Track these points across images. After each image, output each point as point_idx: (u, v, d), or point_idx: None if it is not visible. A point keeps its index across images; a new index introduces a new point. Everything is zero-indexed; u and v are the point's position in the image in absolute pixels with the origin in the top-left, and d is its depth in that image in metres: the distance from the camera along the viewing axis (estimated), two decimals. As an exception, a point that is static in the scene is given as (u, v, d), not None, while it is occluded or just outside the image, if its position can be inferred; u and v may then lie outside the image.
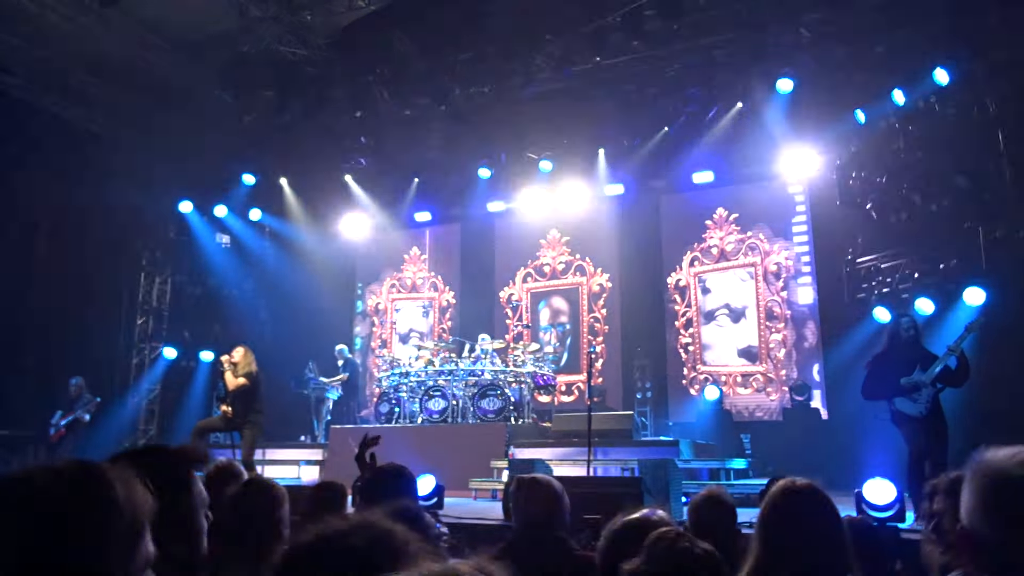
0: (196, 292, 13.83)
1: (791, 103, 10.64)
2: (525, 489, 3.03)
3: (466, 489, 8.79)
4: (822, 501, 2.08)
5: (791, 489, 2.10)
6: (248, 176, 13.62)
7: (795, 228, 12.07)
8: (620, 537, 2.03)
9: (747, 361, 12.11)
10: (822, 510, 2.06)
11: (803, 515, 2.03)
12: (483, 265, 14.51)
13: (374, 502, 3.47)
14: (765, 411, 11.75)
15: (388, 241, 15.37)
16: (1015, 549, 1.13)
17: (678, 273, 12.86)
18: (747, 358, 12.11)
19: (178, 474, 1.63)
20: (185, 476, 1.64)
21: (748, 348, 12.13)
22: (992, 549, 1.16)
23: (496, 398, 10.32)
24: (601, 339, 13.27)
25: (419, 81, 11.79)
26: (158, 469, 1.59)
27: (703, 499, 2.99)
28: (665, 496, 6.33)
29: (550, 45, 11.09)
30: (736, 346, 12.24)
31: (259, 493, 2.78)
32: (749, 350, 12.12)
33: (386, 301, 15.28)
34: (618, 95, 11.89)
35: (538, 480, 3.09)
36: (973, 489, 1.23)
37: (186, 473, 1.64)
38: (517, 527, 3.08)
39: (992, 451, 1.23)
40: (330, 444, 10.70)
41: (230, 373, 8.03)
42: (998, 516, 1.16)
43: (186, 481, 1.64)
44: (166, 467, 1.61)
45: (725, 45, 10.75)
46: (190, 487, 1.64)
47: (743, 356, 12.14)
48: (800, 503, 2.06)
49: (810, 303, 11.76)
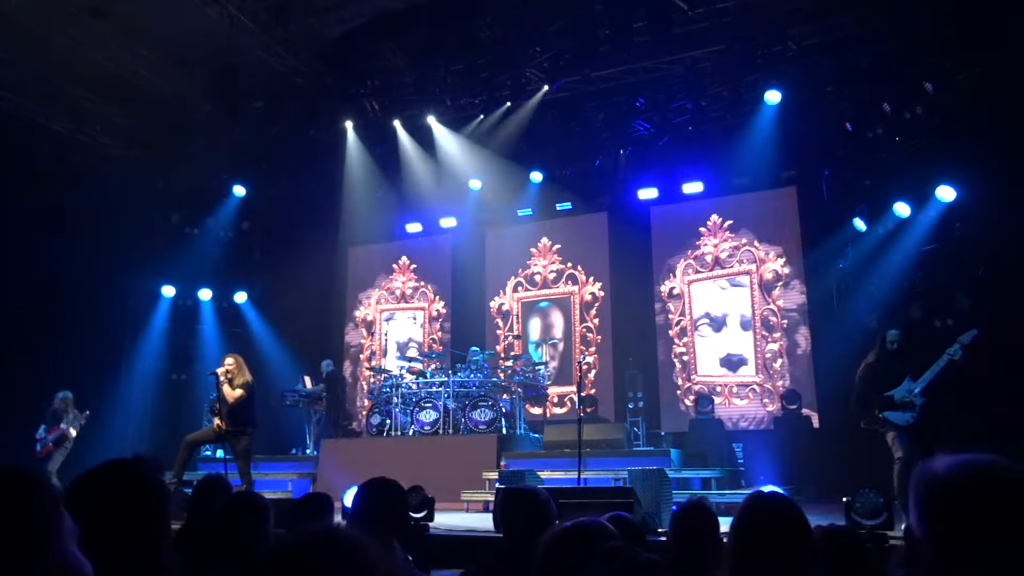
0: (187, 304, 13.80)
1: (780, 114, 10.72)
2: (510, 501, 3.03)
3: (458, 501, 8.77)
4: (788, 510, 2.11)
5: (758, 499, 2.14)
6: (239, 187, 13.62)
7: (786, 237, 12.13)
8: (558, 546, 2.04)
9: (728, 371, 12.13)
10: (788, 519, 2.09)
11: (770, 524, 2.06)
12: (474, 275, 14.52)
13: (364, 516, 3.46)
14: (757, 420, 11.77)
15: (378, 252, 15.38)
16: (944, 547, 1.18)
17: (671, 281, 12.89)
18: (734, 367, 12.13)
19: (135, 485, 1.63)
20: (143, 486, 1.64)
21: (736, 356, 12.16)
22: (927, 548, 1.21)
23: (487, 409, 10.31)
24: (593, 349, 13.27)
25: (410, 93, 11.84)
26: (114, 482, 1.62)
27: (685, 508, 3.00)
28: (656, 506, 6.33)
29: (539, 57, 11.16)
30: (727, 355, 12.27)
31: (244, 506, 2.78)
32: (735, 359, 12.15)
33: (375, 312, 15.27)
34: (608, 106, 11.97)
35: (522, 491, 3.09)
36: (913, 493, 1.30)
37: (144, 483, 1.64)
38: (505, 539, 3.08)
39: (940, 457, 1.28)
40: (321, 457, 10.66)
41: (227, 386, 7.85)
42: (929, 516, 1.22)
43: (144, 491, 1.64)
44: (123, 479, 1.63)
45: (713, 57, 10.85)
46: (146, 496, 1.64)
47: (733, 365, 12.16)
48: (767, 512, 2.09)
49: (802, 311, 11.81)
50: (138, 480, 1.63)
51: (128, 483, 1.61)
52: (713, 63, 10.99)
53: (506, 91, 11.51)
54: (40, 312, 11.08)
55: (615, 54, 10.52)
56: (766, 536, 2.03)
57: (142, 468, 1.67)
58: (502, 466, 9.19)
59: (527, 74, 11.39)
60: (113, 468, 1.66)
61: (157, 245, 13.70)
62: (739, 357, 12.18)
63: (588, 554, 1.82)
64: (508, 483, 7.69)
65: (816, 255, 11.23)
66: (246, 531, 2.70)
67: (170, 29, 10.92)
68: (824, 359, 10.65)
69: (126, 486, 1.61)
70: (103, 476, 1.64)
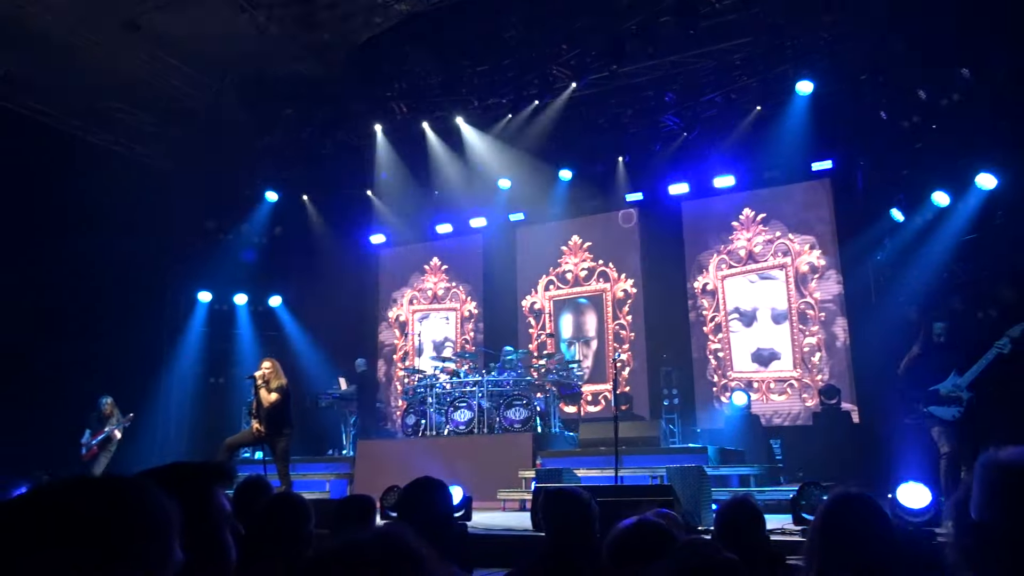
0: (223, 309, 14.01)
1: (811, 104, 10.57)
2: (551, 502, 3.02)
3: (495, 500, 8.77)
4: (876, 509, 2.09)
5: (845, 499, 2.12)
6: (271, 193, 13.78)
7: (821, 229, 11.95)
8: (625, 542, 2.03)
9: (760, 366, 11.99)
10: (876, 518, 2.07)
11: (856, 523, 2.04)
12: (505, 274, 14.53)
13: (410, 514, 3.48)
14: (795, 416, 11.61)
15: (409, 253, 15.46)
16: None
17: (704, 277, 12.77)
18: (766, 362, 11.99)
19: (201, 490, 1.64)
20: (208, 491, 1.65)
21: (767, 351, 12.03)
22: (1001, 541, 1.18)
23: (522, 408, 10.30)
24: (627, 346, 13.21)
25: (437, 94, 11.87)
26: (181, 485, 1.62)
27: (730, 506, 2.96)
28: (695, 504, 6.28)
29: (566, 54, 11.12)
30: (758, 349, 12.13)
31: (286, 508, 2.81)
32: (766, 353, 12.02)
33: (407, 313, 15.35)
34: (636, 102, 11.88)
35: (564, 492, 3.07)
36: (981, 484, 1.27)
37: (209, 488, 1.66)
38: (548, 540, 3.06)
39: (999, 449, 1.26)
40: (358, 458, 10.74)
41: (263, 389, 7.93)
42: (1006, 505, 1.19)
43: (209, 496, 1.65)
44: (189, 483, 1.62)
45: (742, 49, 10.73)
46: (213, 502, 1.65)
47: (764, 360, 12.03)
48: (853, 511, 2.07)
49: (839, 305, 11.62)
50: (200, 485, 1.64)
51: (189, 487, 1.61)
52: (742, 55, 10.85)
53: (533, 90, 11.48)
54: (81, 319, 11.31)
55: (642, 49, 10.44)
56: (853, 535, 2.01)
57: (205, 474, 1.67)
58: (538, 465, 9.18)
59: (554, 72, 11.35)
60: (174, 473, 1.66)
61: (193, 252, 13.92)
62: (770, 351, 12.04)
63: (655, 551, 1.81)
64: (545, 482, 7.68)
65: (853, 247, 11.04)
66: (289, 532, 2.72)
67: (201, 39, 11.09)
68: (863, 352, 10.47)
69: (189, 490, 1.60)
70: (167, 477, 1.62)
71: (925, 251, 9.29)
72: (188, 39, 11.09)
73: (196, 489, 1.61)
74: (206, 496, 1.62)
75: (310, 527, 2.79)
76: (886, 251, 10.15)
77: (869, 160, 10.60)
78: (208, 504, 1.61)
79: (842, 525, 2.05)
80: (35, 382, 10.66)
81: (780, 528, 5.60)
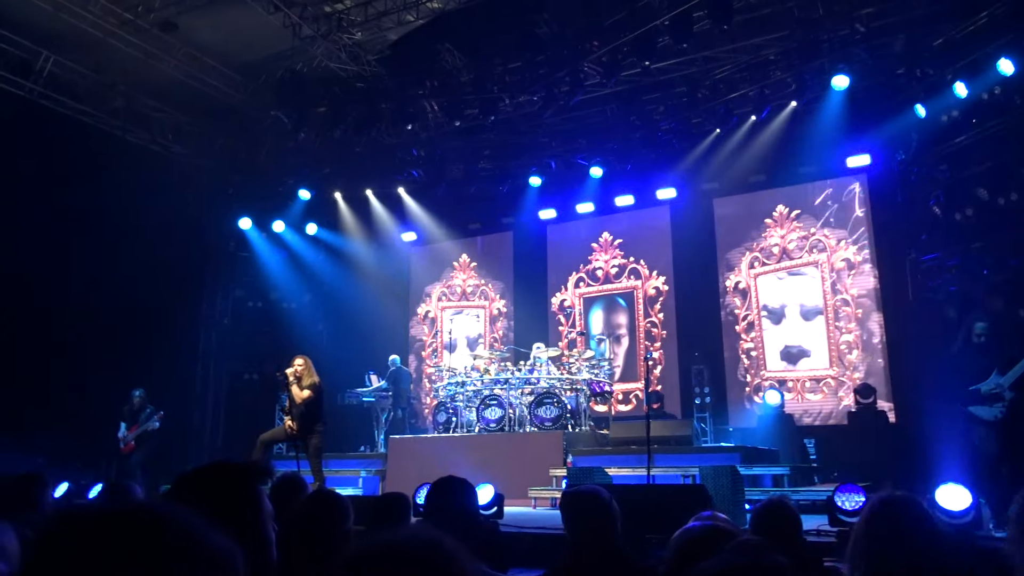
0: (257, 306, 14.20)
1: (848, 99, 10.42)
2: (570, 505, 2.99)
3: (526, 498, 8.78)
4: (922, 512, 2.06)
5: (891, 500, 2.08)
6: (304, 191, 13.93)
7: (856, 226, 11.77)
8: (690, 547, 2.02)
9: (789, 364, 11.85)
10: (923, 521, 2.04)
11: (905, 526, 2.01)
12: (535, 272, 14.53)
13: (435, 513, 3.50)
14: (830, 415, 11.46)
15: (441, 251, 15.52)
16: None
17: (736, 275, 12.65)
18: (794, 359, 11.86)
19: (245, 488, 1.66)
20: (252, 490, 1.68)
21: (796, 348, 11.91)
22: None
23: (553, 406, 10.29)
24: (659, 344, 13.13)
25: (468, 92, 11.89)
26: (226, 484, 1.65)
27: (766, 507, 2.93)
28: (728, 504, 6.23)
29: (598, 51, 11.06)
30: (786, 347, 12.01)
31: (324, 505, 2.83)
32: (795, 350, 11.89)
33: (436, 310, 15.41)
34: (668, 98, 11.80)
35: (583, 491, 3.04)
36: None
37: (253, 487, 1.68)
38: (570, 544, 3.03)
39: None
40: (390, 454, 10.81)
41: (295, 386, 8.01)
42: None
43: (253, 495, 1.67)
44: (233, 482, 1.65)
45: (777, 43, 10.60)
46: (257, 500, 1.68)
47: (793, 358, 11.89)
48: (901, 514, 2.04)
49: (875, 303, 11.44)
50: (244, 484, 1.66)
51: (233, 486, 1.64)
52: (776, 49, 10.72)
53: (564, 87, 11.44)
54: (119, 315, 11.53)
55: (674, 45, 10.35)
56: (899, 538, 1.98)
57: (249, 473, 1.69)
58: (568, 463, 9.17)
59: (585, 69, 11.30)
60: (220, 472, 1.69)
61: (227, 248, 14.13)
62: (799, 348, 11.92)
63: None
64: (576, 480, 7.67)
65: (890, 243, 10.88)
66: (327, 530, 2.74)
67: (236, 39, 11.25)
68: (900, 351, 10.31)
69: (233, 488, 1.64)
70: (212, 475, 1.68)
71: (965, 249, 9.11)
72: (223, 39, 11.25)
73: (242, 488, 1.64)
74: (251, 495, 1.65)
75: (348, 524, 2.81)
76: (924, 248, 9.96)
77: (907, 155, 10.41)
78: (253, 503, 1.64)
79: (889, 528, 2.02)
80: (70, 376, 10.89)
81: (815, 529, 5.54)
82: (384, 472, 10.60)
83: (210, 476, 1.68)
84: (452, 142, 13.18)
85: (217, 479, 1.67)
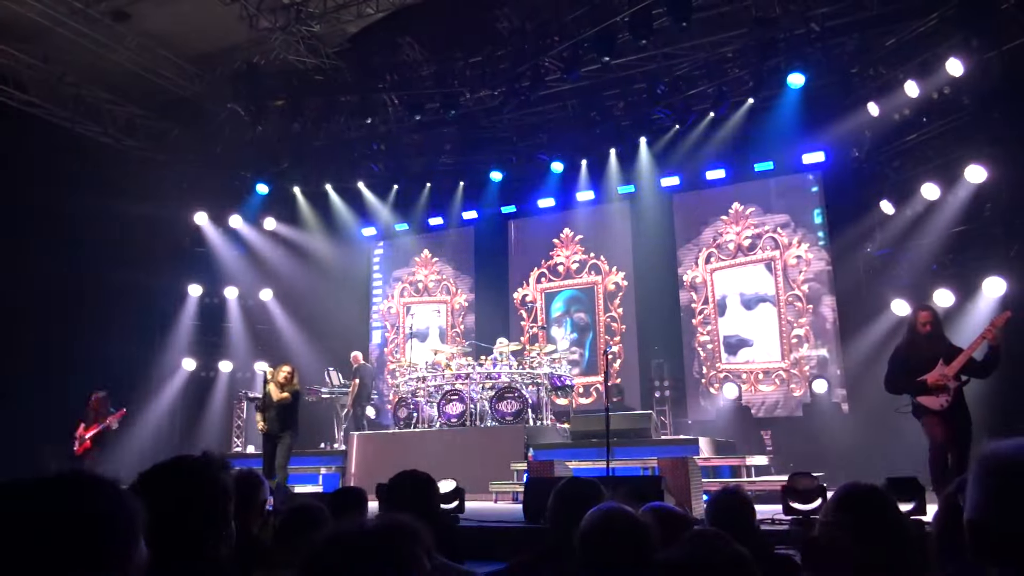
0: (214, 302, 13.98)
1: (803, 97, 10.60)
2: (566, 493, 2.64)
3: (487, 492, 8.80)
4: (887, 502, 1.98)
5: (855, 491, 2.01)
6: (262, 186, 13.73)
7: (811, 222, 12.00)
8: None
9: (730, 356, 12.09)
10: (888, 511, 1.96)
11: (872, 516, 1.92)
12: (497, 267, 14.54)
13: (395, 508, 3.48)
14: (785, 407, 11.68)
15: (402, 246, 15.45)
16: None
17: (694, 270, 12.82)
18: (733, 349, 12.09)
19: (208, 476, 1.75)
20: (214, 477, 1.77)
21: (735, 338, 12.18)
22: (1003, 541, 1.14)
23: (514, 400, 10.31)
24: (618, 339, 13.24)
25: (428, 86, 11.84)
26: (188, 474, 1.75)
27: (720, 496, 2.98)
28: (686, 494, 6.32)
29: (559, 46, 11.09)
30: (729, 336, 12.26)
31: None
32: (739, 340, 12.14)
33: (398, 305, 15.33)
34: (628, 94, 11.88)
35: (579, 482, 2.71)
36: (980, 482, 1.20)
37: (214, 474, 1.77)
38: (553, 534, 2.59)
39: (996, 443, 1.21)
40: (351, 451, 10.74)
41: (273, 384, 8.28)
42: (1008, 506, 1.15)
43: (214, 481, 1.76)
44: (195, 472, 1.74)
45: (735, 41, 10.74)
46: (217, 485, 1.76)
47: (732, 348, 12.13)
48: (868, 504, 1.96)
49: (826, 286, 11.70)
50: (206, 476, 1.74)
51: (197, 479, 1.73)
52: (734, 47, 10.87)
53: (525, 82, 11.46)
54: (71, 311, 11.25)
55: (634, 42, 10.43)
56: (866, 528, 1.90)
57: (209, 466, 1.77)
58: (529, 457, 9.20)
59: (546, 64, 11.33)
60: (183, 464, 1.77)
61: (183, 244, 13.86)
62: (737, 338, 12.24)
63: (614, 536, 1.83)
64: (537, 473, 7.71)
65: (843, 239, 11.10)
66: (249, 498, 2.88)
67: (190, 30, 11.03)
68: (852, 344, 10.53)
69: (196, 481, 1.72)
70: (173, 470, 1.75)
71: (915, 243, 9.35)
72: (177, 30, 11.02)
73: (205, 476, 1.75)
74: (213, 481, 1.75)
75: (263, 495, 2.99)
76: (876, 243, 10.20)
77: (859, 153, 10.64)
78: (214, 487, 1.74)
79: (855, 518, 1.94)
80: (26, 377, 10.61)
81: (770, 518, 5.65)
82: (344, 469, 10.53)
83: (172, 469, 1.76)
84: (412, 136, 13.12)
85: (180, 471, 1.76)
